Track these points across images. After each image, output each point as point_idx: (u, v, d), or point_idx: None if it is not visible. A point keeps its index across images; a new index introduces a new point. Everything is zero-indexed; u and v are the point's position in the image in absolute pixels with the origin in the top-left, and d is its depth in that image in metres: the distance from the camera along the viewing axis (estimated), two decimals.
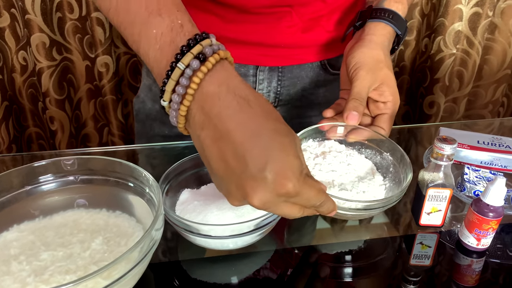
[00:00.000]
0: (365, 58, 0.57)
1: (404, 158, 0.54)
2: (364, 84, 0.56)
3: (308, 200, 0.38)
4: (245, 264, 0.50)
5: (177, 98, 0.37)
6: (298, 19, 0.65)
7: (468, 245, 0.51)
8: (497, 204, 0.47)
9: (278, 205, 0.38)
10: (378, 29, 0.60)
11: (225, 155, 0.36)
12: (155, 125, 0.76)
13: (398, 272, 0.51)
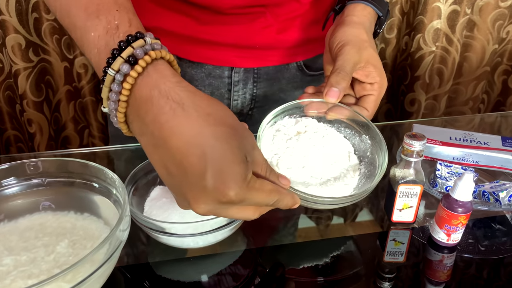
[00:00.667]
0: (348, 36, 0.54)
1: (382, 144, 0.52)
2: (348, 58, 0.52)
3: (258, 203, 0.37)
4: (211, 264, 0.49)
5: (113, 105, 0.36)
6: (272, 19, 0.64)
7: (439, 240, 0.51)
8: (466, 199, 0.47)
9: (225, 210, 0.36)
10: (357, 10, 0.58)
11: (165, 162, 0.35)
12: None
13: (372, 269, 0.51)
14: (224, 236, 0.49)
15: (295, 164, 0.52)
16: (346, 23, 0.56)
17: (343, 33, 0.55)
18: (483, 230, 0.56)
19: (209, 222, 0.45)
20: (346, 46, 0.53)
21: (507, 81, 1.50)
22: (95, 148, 0.73)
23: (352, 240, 0.54)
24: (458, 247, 0.53)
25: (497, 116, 0.93)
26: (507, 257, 0.52)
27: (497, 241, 0.54)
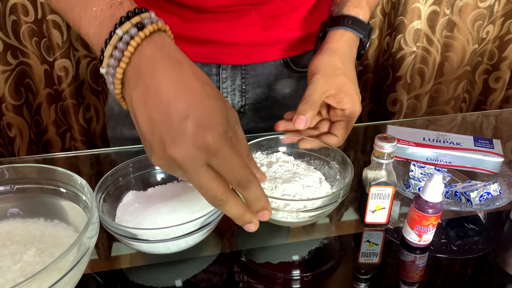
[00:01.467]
0: (321, 65, 0.57)
1: (345, 160, 0.54)
2: (316, 88, 0.56)
3: (229, 166, 0.36)
4: (184, 269, 0.49)
5: (113, 62, 0.38)
6: (258, 17, 0.65)
7: (410, 241, 0.51)
8: (436, 200, 0.48)
9: (198, 166, 0.36)
10: (336, 37, 0.60)
11: (150, 110, 0.37)
12: (125, 130, 0.76)
13: (347, 271, 0.51)
14: (196, 241, 0.49)
15: (267, 185, 0.53)
16: (323, 50, 0.59)
17: (317, 62, 0.58)
18: (456, 230, 0.56)
19: (180, 227, 0.45)
20: (316, 74, 0.57)
21: (487, 80, 1.52)
22: (77, 152, 0.72)
23: (326, 242, 0.54)
24: (431, 247, 0.53)
25: (478, 116, 0.94)
26: (479, 256, 0.52)
27: (470, 240, 0.54)
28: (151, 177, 0.55)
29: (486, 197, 0.55)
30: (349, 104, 0.57)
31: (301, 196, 0.53)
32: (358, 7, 0.61)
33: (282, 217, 0.51)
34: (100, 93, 1.27)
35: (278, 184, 0.54)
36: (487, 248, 0.54)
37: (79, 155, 0.72)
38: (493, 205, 0.54)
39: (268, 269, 0.50)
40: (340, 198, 0.51)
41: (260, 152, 0.60)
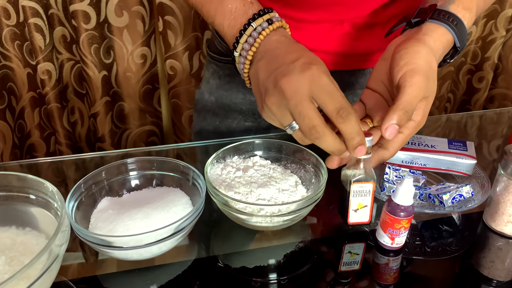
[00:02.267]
0: (422, 61, 0.46)
1: (319, 163, 0.55)
2: (418, 93, 0.45)
3: (331, 95, 0.43)
4: (158, 275, 0.49)
5: (247, 46, 0.50)
6: (350, 28, 0.66)
7: (384, 244, 0.52)
8: (407, 203, 0.48)
9: (302, 94, 0.43)
10: (437, 34, 0.49)
11: (270, 66, 0.47)
12: (208, 116, 0.81)
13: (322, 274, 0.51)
14: (170, 247, 0.49)
15: (242, 190, 0.53)
16: (422, 42, 0.48)
17: (417, 54, 0.47)
18: (430, 231, 0.57)
19: (153, 233, 0.45)
20: (417, 75, 0.45)
21: (471, 80, 1.54)
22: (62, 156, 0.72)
23: (302, 245, 0.55)
24: (405, 249, 0.53)
25: (462, 116, 0.95)
26: (453, 258, 0.53)
27: (444, 242, 0.55)
28: (126, 183, 0.55)
29: (459, 199, 0.56)
30: (420, 116, 0.47)
31: (277, 200, 0.53)
32: (467, 10, 0.51)
33: (256, 222, 0.51)
34: (84, 96, 1.26)
35: (253, 188, 0.54)
36: (460, 249, 0.54)
37: (64, 160, 0.72)
38: (465, 206, 0.55)
39: (244, 274, 0.50)
40: (314, 202, 0.51)
41: (237, 156, 0.60)
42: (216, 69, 0.79)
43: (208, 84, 0.80)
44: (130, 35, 1.18)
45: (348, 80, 0.72)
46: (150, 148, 0.75)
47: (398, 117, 0.44)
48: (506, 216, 0.53)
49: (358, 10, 0.64)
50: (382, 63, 0.51)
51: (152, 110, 1.31)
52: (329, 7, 0.63)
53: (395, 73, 0.47)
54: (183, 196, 0.54)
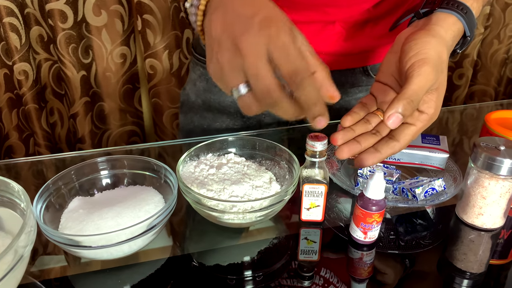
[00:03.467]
0: (431, 51, 0.45)
1: (292, 159, 0.55)
2: (426, 84, 0.44)
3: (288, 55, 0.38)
4: (129, 275, 0.48)
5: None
6: (342, 28, 0.65)
7: (357, 239, 0.52)
8: (378, 197, 0.49)
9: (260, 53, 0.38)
10: (448, 23, 0.48)
11: (225, 18, 0.41)
12: (196, 118, 0.80)
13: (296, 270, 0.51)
14: (140, 246, 0.48)
15: (215, 188, 0.53)
16: (432, 32, 0.47)
17: (427, 44, 0.45)
18: (405, 225, 0.57)
19: (123, 232, 0.44)
20: (426, 65, 0.44)
21: (451, 77, 1.56)
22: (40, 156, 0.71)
23: (276, 241, 0.55)
24: (380, 244, 0.54)
25: (444, 112, 0.96)
26: (426, 251, 0.53)
27: (418, 235, 0.55)
28: (97, 183, 0.55)
29: (431, 193, 0.56)
30: (432, 109, 0.46)
31: (250, 197, 0.53)
32: (474, 0, 0.50)
33: (228, 219, 0.50)
34: (63, 97, 1.24)
35: (226, 185, 0.53)
36: (434, 242, 0.55)
37: (43, 160, 0.70)
38: (438, 200, 0.56)
39: (219, 272, 0.50)
40: (285, 198, 0.51)
41: (211, 154, 0.60)
42: (204, 72, 0.78)
43: (195, 87, 0.80)
44: (109, 34, 1.16)
45: (339, 80, 0.72)
46: (131, 146, 0.74)
47: (402, 106, 0.42)
48: (477, 208, 0.54)
49: (349, 10, 0.64)
50: (392, 55, 0.50)
51: (133, 110, 1.30)
52: (321, 8, 0.63)
53: (404, 64, 0.45)
54: (156, 194, 0.53)
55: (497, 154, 0.50)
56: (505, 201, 0.53)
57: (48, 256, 0.51)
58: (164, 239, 0.54)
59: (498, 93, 1.61)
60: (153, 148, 0.75)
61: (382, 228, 0.56)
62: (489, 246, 0.54)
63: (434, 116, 0.47)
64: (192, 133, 0.82)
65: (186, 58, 1.23)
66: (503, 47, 1.51)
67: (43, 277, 0.48)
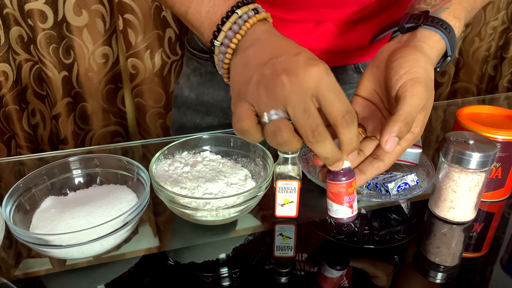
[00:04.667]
0: (421, 69, 0.44)
1: (266, 155, 0.55)
2: (419, 104, 0.43)
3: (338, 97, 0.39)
4: (102, 273, 0.48)
5: (230, 34, 0.44)
6: (333, 25, 0.66)
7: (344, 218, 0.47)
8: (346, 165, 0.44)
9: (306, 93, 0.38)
10: (433, 41, 0.48)
11: (263, 54, 0.41)
12: (189, 112, 0.80)
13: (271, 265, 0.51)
14: (112, 244, 0.48)
15: (189, 185, 0.53)
16: (420, 50, 0.46)
17: (417, 62, 0.44)
18: (379, 220, 0.58)
19: (93, 230, 0.44)
20: (419, 84, 0.43)
21: (434, 75, 1.57)
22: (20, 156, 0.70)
23: (252, 238, 0.55)
24: (354, 239, 0.54)
25: None
26: (400, 245, 0.54)
27: (392, 230, 0.56)
28: (70, 182, 0.54)
29: (404, 187, 0.57)
30: (419, 128, 0.46)
31: (224, 194, 0.53)
32: (457, 20, 0.50)
33: (202, 216, 0.50)
34: (45, 98, 1.23)
35: (200, 183, 0.54)
36: (408, 236, 0.55)
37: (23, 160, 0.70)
38: (410, 194, 0.56)
39: (193, 269, 0.50)
40: (259, 194, 0.51)
41: (186, 152, 0.60)
42: (197, 66, 0.79)
43: (188, 81, 0.80)
44: (90, 34, 1.16)
45: None
46: (115, 145, 0.74)
47: (398, 129, 0.41)
48: (448, 202, 0.55)
49: (342, 11, 0.65)
50: (374, 70, 0.48)
51: (116, 110, 1.29)
52: (314, 8, 0.64)
53: (394, 82, 0.44)
54: (129, 193, 0.53)
55: (466, 148, 0.51)
56: (475, 194, 0.53)
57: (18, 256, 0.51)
58: (139, 237, 0.54)
59: (480, 90, 1.63)
60: (137, 147, 0.75)
61: (357, 223, 0.57)
62: (461, 239, 0.55)
63: (418, 136, 0.47)
64: (184, 127, 0.82)
65: (168, 57, 1.22)
66: (484, 44, 1.53)
67: (14, 277, 0.48)
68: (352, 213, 0.47)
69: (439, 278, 0.50)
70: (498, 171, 0.58)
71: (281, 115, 0.39)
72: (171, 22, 1.19)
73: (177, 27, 1.22)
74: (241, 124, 0.40)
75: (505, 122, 0.59)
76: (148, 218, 0.57)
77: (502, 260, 0.53)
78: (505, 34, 1.56)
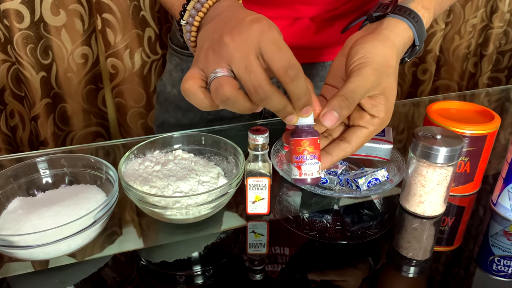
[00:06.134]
0: (376, 54, 0.45)
1: (238, 153, 0.55)
2: (363, 84, 0.44)
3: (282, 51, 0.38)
4: (70, 274, 0.48)
5: (194, 12, 0.45)
6: (311, 22, 0.67)
7: (295, 179, 0.45)
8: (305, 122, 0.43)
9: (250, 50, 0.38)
10: (398, 29, 0.48)
11: (217, 26, 0.42)
12: (171, 108, 0.81)
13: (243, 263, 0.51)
14: (80, 244, 0.47)
15: (160, 184, 0.52)
16: (381, 37, 0.47)
17: (373, 48, 0.46)
18: (351, 216, 0.58)
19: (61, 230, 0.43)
20: (367, 67, 0.44)
21: (416, 73, 1.59)
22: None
23: (224, 236, 0.55)
24: (326, 235, 0.54)
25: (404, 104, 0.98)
26: (373, 240, 0.54)
27: (364, 225, 0.56)
28: (38, 183, 0.53)
29: (374, 183, 0.57)
30: (383, 112, 0.46)
31: (195, 192, 0.53)
32: (426, 10, 0.50)
33: (171, 215, 0.50)
34: (23, 99, 1.22)
35: (171, 182, 0.53)
36: (379, 232, 0.56)
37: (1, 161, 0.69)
38: (381, 189, 0.57)
39: (165, 268, 0.50)
40: (230, 191, 0.51)
41: (158, 151, 0.59)
42: (180, 62, 0.79)
43: (171, 77, 0.80)
44: (68, 34, 1.14)
45: (309, 73, 0.74)
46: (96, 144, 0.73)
47: (337, 103, 0.43)
48: (417, 197, 0.55)
49: (318, 8, 0.65)
50: (341, 58, 0.49)
51: (97, 111, 1.28)
52: (291, 5, 0.65)
53: (348, 67, 0.46)
54: (99, 192, 0.53)
55: (433, 143, 0.52)
56: (444, 188, 0.54)
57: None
58: (110, 236, 0.53)
59: (461, 87, 1.65)
60: (118, 146, 0.74)
61: (329, 219, 0.57)
62: (432, 233, 0.56)
63: (386, 120, 0.47)
64: (166, 123, 0.82)
65: (148, 56, 1.22)
66: (464, 42, 1.55)
67: None
68: (300, 175, 0.44)
69: (411, 272, 0.51)
70: (467, 165, 0.58)
71: (225, 73, 0.39)
72: (150, 22, 1.18)
73: (157, 26, 1.21)
74: (184, 85, 0.40)
75: (474, 117, 0.60)
76: (119, 217, 0.57)
77: (473, 253, 0.53)
78: (484, 32, 1.58)
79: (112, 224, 0.55)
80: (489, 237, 0.56)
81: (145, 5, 1.16)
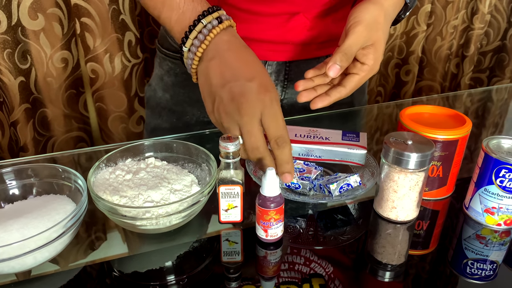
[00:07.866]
0: (365, 15, 0.57)
1: (209, 157, 0.55)
2: (358, 39, 0.56)
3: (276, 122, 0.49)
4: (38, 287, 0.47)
5: (197, 42, 0.52)
6: (305, 18, 0.69)
7: (260, 237, 0.52)
8: (273, 194, 0.49)
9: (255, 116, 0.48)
10: None
11: (224, 72, 0.50)
12: (164, 113, 0.82)
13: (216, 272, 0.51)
14: (47, 257, 0.47)
15: (130, 194, 0.52)
16: (373, 1, 0.58)
17: (363, 10, 0.57)
18: (325, 221, 0.58)
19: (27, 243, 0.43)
20: (359, 25, 0.56)
21: (399, 74, 1.60)
22: None
23: (197, 245, 0.54)
24: (299, 240, 0.54)
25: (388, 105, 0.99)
26: (347, 246, 0.54)
27: (337, 231, 0.56)
28: (3, 194, 0.52)
29: (346, 188, 0.57)
30: (372, 60, 0.57)
31: (166, 201, 0.52)
32: None
33: (141, 225, 0.50)
34: (2, 104, 1.20)
35: (142, 191, 0.53)
36: (353, 237, 0.56)
37: None
38: (353, 195, 0.57)
39: (137, 279, 0.49)
40: (202, 199, 0.51)
41: (130, 159, 0.59)
42: (172, 67, 0.79)
43: (162, 82, 0.80)
44: (47, 38, 1.13)
45: (305, 69, 0.73)
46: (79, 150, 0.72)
47: (338, 58, 0.55)
48: (390, 202, 0.55)
49: (316, 1, 0.67)
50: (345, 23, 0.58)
51: (79, 116, 1.27)
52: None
53: (346, 27, 0.57)
54: (68, 203, 0.52)
55: (404, 148, 0.52)
56: (415, 193, 0.54)
57: None
58: (80, 247, 0.52)
59: (444, 88, 1.67)
60: (100, 151, 0.73)
61: (303, 224, 0.57)
62: (406, 238, 0.56)
63: (374, 67, 0.58)
64: (159, 128, 0.82)
65: (129, 61, 1.21)
66: (446, 43, 1.56)
67: None
68: (266, 237, 0.52)
69: (386, 277, 0.51)
70: (439, 169, 0.59)
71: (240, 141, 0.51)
72: (130, 25, 1.17)
73: (138, 30, 1.20)
74: None
75: (446, 122, 0.60)
76: (89, 228, 0.56)
77: (447, 257, 0.54)
78: (465, 33, 1.59)
79: (83, 234, 0.55)
80: (462, 241, 0.56)
81: (124, 9, 1.15)
